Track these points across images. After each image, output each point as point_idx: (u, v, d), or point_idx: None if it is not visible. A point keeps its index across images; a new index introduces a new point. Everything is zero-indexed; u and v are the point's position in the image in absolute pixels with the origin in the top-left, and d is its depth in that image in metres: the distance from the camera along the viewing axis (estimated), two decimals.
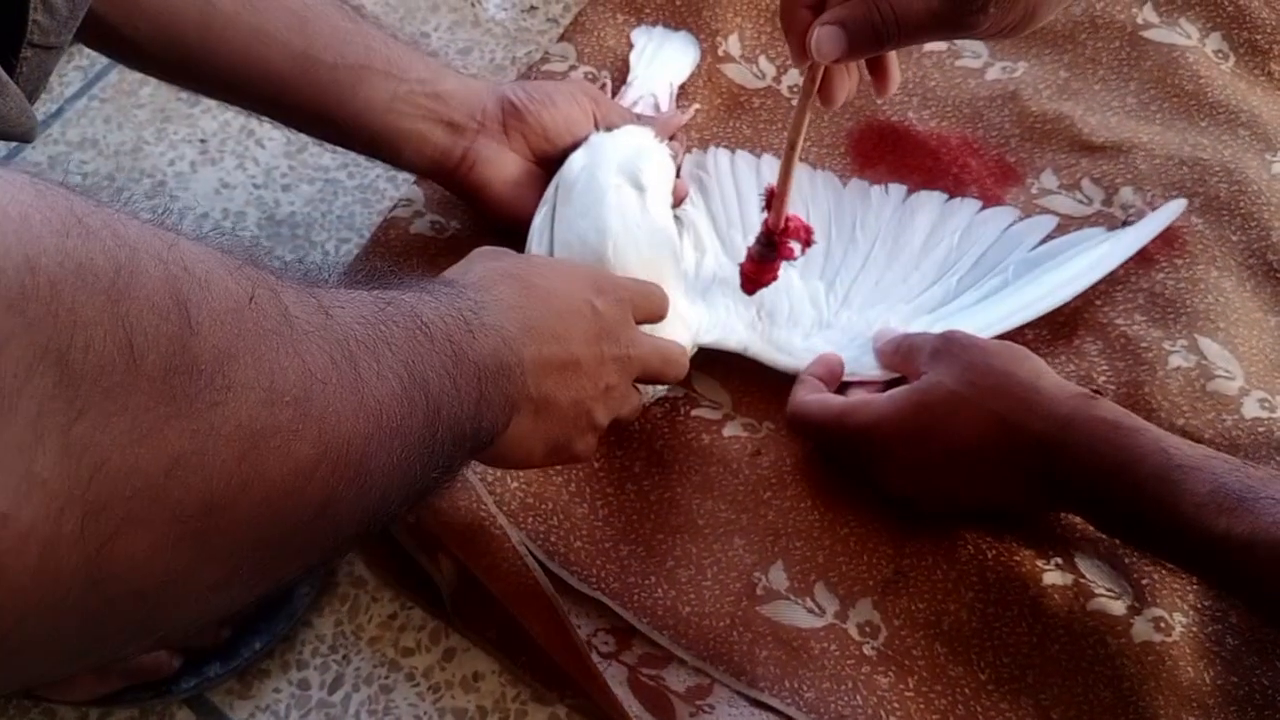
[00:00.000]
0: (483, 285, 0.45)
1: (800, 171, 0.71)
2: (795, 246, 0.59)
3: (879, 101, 0.73)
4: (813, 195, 0.70)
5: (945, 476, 0.56)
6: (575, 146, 0.65)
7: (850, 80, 0.52)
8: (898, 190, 0.70)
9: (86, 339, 0.23)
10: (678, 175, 0.67)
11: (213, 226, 0.73)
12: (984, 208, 0.68)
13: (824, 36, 0.46)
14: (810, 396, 0.59)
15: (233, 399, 0.26)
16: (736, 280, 0.64)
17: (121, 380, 0.23)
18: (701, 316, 0.62)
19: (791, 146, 0.54)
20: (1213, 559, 0.48)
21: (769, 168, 0.71)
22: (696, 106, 0.74)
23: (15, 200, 0.23)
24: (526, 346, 0.44)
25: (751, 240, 0.60)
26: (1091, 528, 0.57)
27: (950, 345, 0.56)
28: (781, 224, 0.58)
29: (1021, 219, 0.68)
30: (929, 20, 0.44)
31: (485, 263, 0.48)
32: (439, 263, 0.67)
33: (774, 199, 0.57)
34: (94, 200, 0.25)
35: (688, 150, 0.72)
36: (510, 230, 0.64)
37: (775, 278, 0.61)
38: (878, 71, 0.51)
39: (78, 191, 0.25)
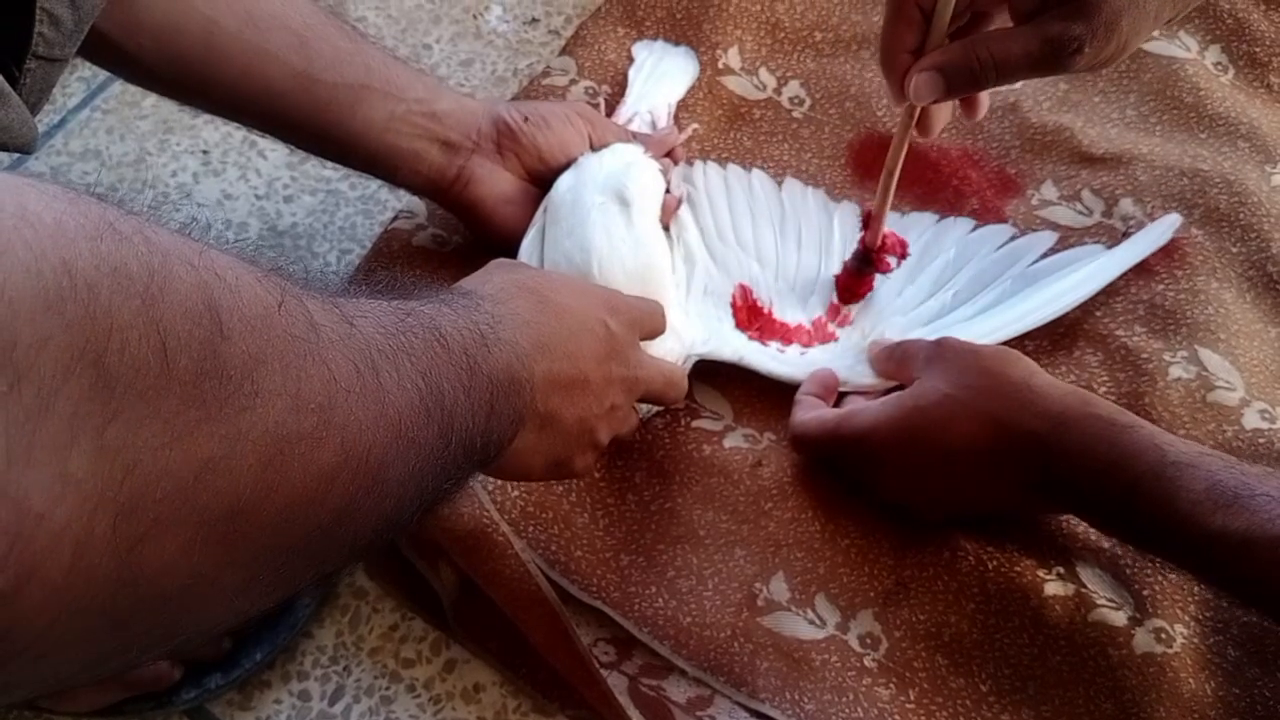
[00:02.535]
0: (499, 298, 0.45)
1: (794, 187, 0.71)
2: (891, 260, 0.64)
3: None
4: (804, 210, 0.70)
5: (940, 480, 0.56)
6: (569, 166, 0.65)
7: (946, 110, 0.54)
8: (892, 215, 0.70)
9: (122, 341, 0.23)
10: (668, 189, 0.68)
11: (215, 237, 0.73)
12: (977, 226, 0.69)
13: (922, 82, 0.48)
14: (807, 415, 0.60)
15: (261, 405, 0.26)
16: (727, 291, 0.65)
17: (155, 383, 0.23)
18: (695, 328, 0.63)
19: (890, 174, 0.59)
20: (1209, 556, 0.48)
21: (760, 183, 0.71)
22: (695, 126, 0.74)
23: (50, 207, 0.23)
24: (538, 363, 0.44)
25: (847, 256, 0.65)
26: (1092, 537, 0.58)
27: (943, 350, 0.56)
28: (879, 241, 0.63)
29: (1019, 235, 0.68)
30: (1026, 62, 0.46)
31: (503, 274, 0.49)
32: (441, 274, 0.67)
33: (872, 220, 0.62)
34: (124, 208, 0.26)
35: (688, 162, 0.72)
36: (504, 247, 0.64)
37: (871, 288, 0.65)
38: (968, 99, 0.54)
39: (108, 199, 0.25)
